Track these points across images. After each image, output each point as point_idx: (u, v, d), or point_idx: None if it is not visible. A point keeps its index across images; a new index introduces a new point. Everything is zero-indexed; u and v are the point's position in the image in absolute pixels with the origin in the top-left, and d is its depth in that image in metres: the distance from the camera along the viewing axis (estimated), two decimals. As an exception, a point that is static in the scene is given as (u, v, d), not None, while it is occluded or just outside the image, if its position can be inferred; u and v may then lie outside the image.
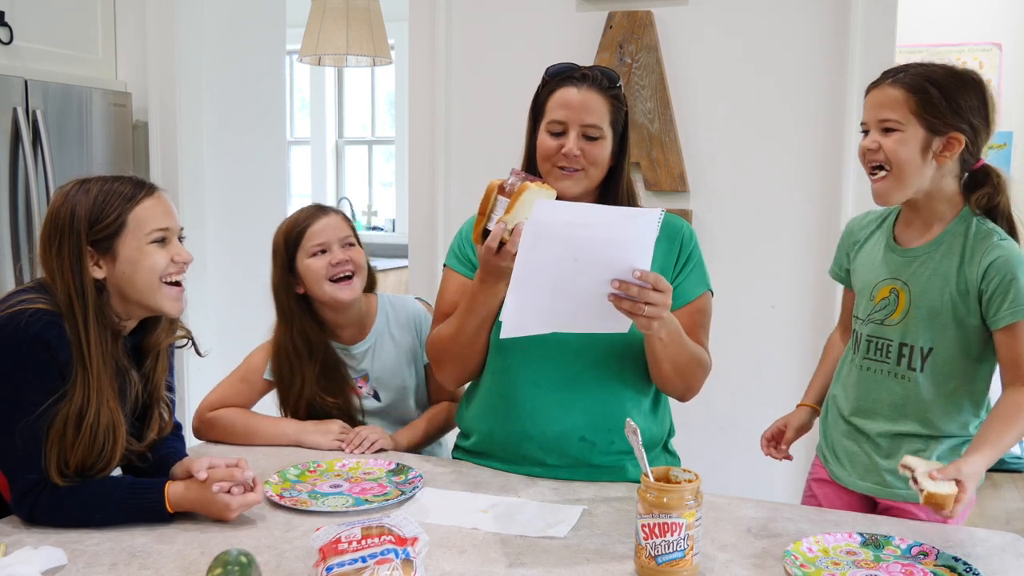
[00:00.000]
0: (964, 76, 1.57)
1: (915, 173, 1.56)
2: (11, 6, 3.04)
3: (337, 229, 1.92)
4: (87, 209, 1.46)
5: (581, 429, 1.70)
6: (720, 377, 1.90)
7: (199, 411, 1.97)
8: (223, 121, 3.66)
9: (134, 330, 1.57)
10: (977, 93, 1.56)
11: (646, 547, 1.27)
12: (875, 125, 1.58)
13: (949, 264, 1.59)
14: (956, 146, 1.55)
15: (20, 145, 2.95)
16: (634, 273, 1.43)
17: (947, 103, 1.53)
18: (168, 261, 1.51)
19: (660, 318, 1.47)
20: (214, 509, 1.45)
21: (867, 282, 1.70)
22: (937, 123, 1.53)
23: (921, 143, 1.54)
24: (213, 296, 3.59)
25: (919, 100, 1.53)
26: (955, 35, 4.93)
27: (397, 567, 1.13)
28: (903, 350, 1.64)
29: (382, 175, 6.91)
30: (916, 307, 1.62)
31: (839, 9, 2.62)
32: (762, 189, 2.76)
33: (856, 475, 1.72)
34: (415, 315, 2.04)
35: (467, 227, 1.80)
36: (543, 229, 1.38)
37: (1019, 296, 1.54)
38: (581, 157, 1.62)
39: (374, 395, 1.99)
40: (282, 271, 1.93)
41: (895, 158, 1.55)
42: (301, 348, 1.92)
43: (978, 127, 1.56)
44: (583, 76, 1.64)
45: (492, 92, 2.98)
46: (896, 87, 1.56)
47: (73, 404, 1.44)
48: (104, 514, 1.44)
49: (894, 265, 1.66)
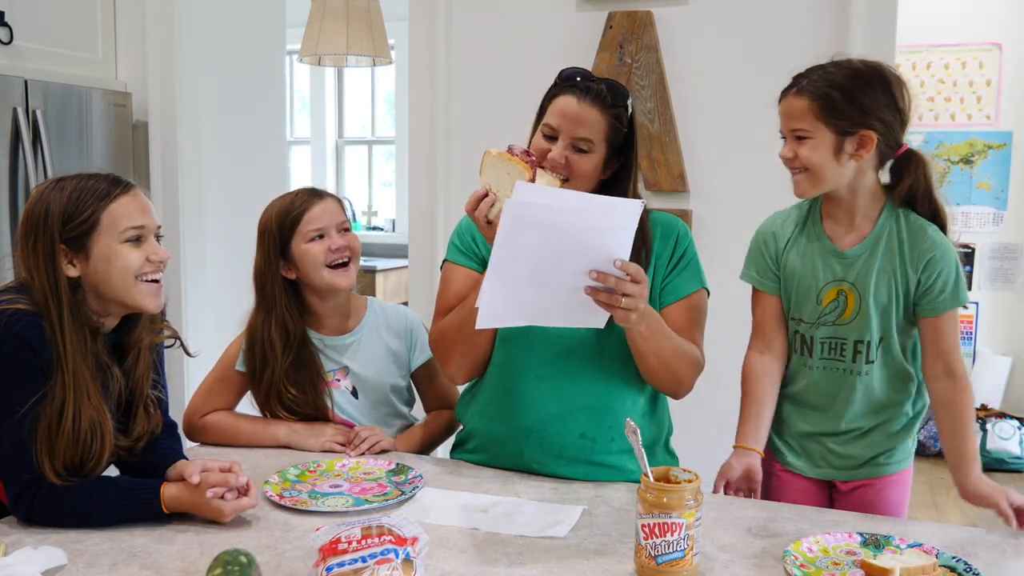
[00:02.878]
0: (866, 73, 1.59)
1: (832, 173, 1.60)
2: (11, 6, 3.04)
3: (335, 214, 1.90)
4: (61, 207, 1.46)
5: (581, 426, 1.70)
6: (720, 377, 1.90)
7: (187, 417, 1.95)
8: (223, 121, 3.66)
9: (117, 327, 1.57)
10: (882, 87, 1.58)
11: (646, 547, 1.27)
12: (788, 135, 1.63)
13: (891, 261, 1.64)
14: (869, 143, 1.58)
15: (20, 145, 2.95)
16: (614, 263, 1.42)
17: (851, 104, 1.56)
18: (143, 260, 1.50)
19: (637, 310, 1.47)
20: (208, 513, 1.45)
21: (808, 286, 1.70)
22: (844, 124, 1.57)
23: (832, 147, 1.58)
24: (213, 296, 3.58)
25: (822, 106, 1.57)
26: (955, 35, 4.94)
27: (397, 567, 1.13)
28: (859, 347, 1.68)
29: (382, 175, 6.91)
30: (866, 305, 1.65)
31: (839, 9, 2.62)
32: (762, 189, 2.75)
33: (813, 464, 1.76)
34: (411, 323, 2.02)
35: (465, 221, 1.79)
36: (523, 211, 1.38)
37: (951, 287, 1.61)
38: (564, 166, 1.62)
39: (352, 392, 1.96)
40: (270, 255, 1.89)
41: (810, 164, 1.60)
42: (277, 337, 1.87)
43: (889, 121, 1.59)
44: (587, 88, 1.62)
45: (492, 92, 2.98)
46: (800, 96, 1.60)
47: (55, 403, 1.43)
48: (101, 514, 1.44)
49: (836, 267, 1.68)
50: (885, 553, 1.36)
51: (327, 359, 1.93)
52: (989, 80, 4.93)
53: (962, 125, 4.99)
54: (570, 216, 1.39)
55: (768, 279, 1.76)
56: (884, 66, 1.61)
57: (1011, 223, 4.93)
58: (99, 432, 1.48)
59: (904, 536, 1.41)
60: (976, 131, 4.96)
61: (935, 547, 1.37)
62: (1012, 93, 4.90)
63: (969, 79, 4.97)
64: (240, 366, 1.93)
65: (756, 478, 1.67)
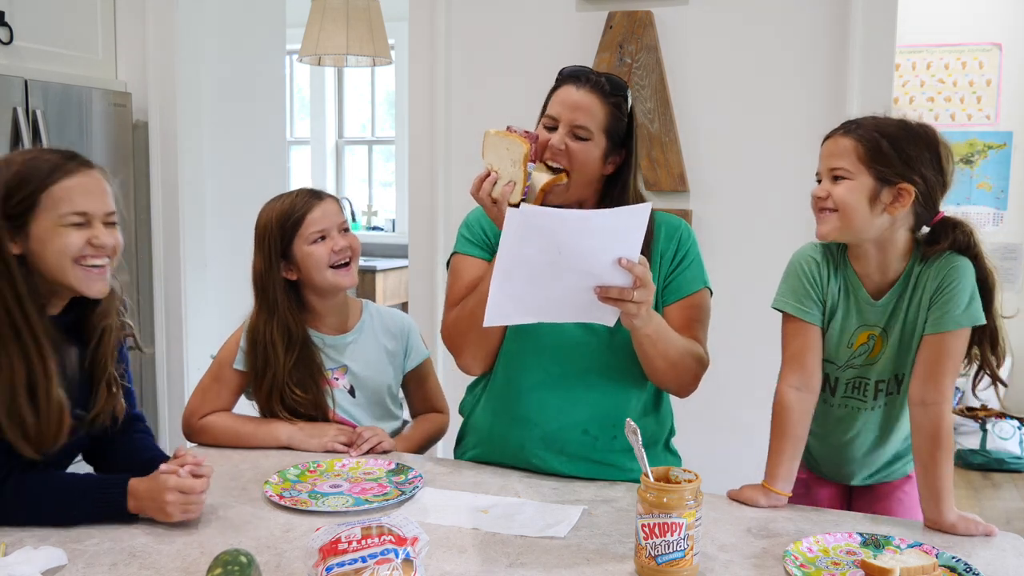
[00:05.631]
0: (916, 129, 1.56)
1: (862, 220, 1.54)
2: (11, 6, 3.04)
3: (335, 215, 1.91)
4: (4, 183, 1.44)
5: (584, 422, 1.70)
6: (721, 377, 1.90)
7: (185, 418, 1.94)
8: (223, 121, 3.66)
9: (70, 308, 1.56)
10: (929, 146, 1.55)
11: (646, 547, 1.27)
12: (826, 174, 1.59)
13: (916, 303, 1.58)
14: (906, 197, 1.53)
15: (20, 145, 2.95)
16: (620, 261, 1.42)
17: (896, 153, 1.53)
18: (83, 244, 1.47)
19: (641, 311, 1.48)
20: (159, 497, 1.42)
21: (843, 328, 1.65)
22: (886, 172, 1.53)
23: (869, 192, 1.53)
24: (213, 296, 3.58)
25: (868, 149, 1.54)
26: (955, 35, 4.94)
27: (397, 567, 1.13)
28: (879, 385, 1.65)
29: (382, 175, 6.91)
30: (892, 347, 1.62)
31: (839, 9, 2.63)
32: (762, 189, 2.76)
33: (831, 469, 1.77)
34: (406, 326, 2.04)
35: (473, 214, 1.80)
36: (529, 214, 1.38)
37: (956, 307, 1.52)
38: (564, 153, 1.63)
39: (350, 391, 1.96)
40: (271, 257, 1.89)
41: (842, 202, 1.54)
42: (279, 339, 1.87)
43: (931, 180, 1.54)
44: (587, 79, 1.65)
45: (492, 92, 2.98)
46: (848, 137, 1.56)
47: (3, 375, 1.43)
48: (68, 511, 1.43)
49: (868, 314, 1.63)
50: (885, 553, 1.36)
51: (327, 358, 1.94)
52: (989, 80, 4.93)
53: (962, 125, 4.99)
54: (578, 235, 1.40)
55: (811, 307, 1.64)
56: (935, 130, 1.58)
57: (1011, 223, 4.94)
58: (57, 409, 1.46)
59: (904, 536, 1.41)
60: (976, 131, 4.96)
61: (935, 547, 1.37)
62: (1012, 93, 4.90)
63: (969, 79, 4.97)
64: (239, 365, 1.93)
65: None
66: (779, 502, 1.59)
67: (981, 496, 4.12)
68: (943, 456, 1.49)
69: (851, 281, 1.64)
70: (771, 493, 1.59)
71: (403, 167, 6.28)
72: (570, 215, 1.41)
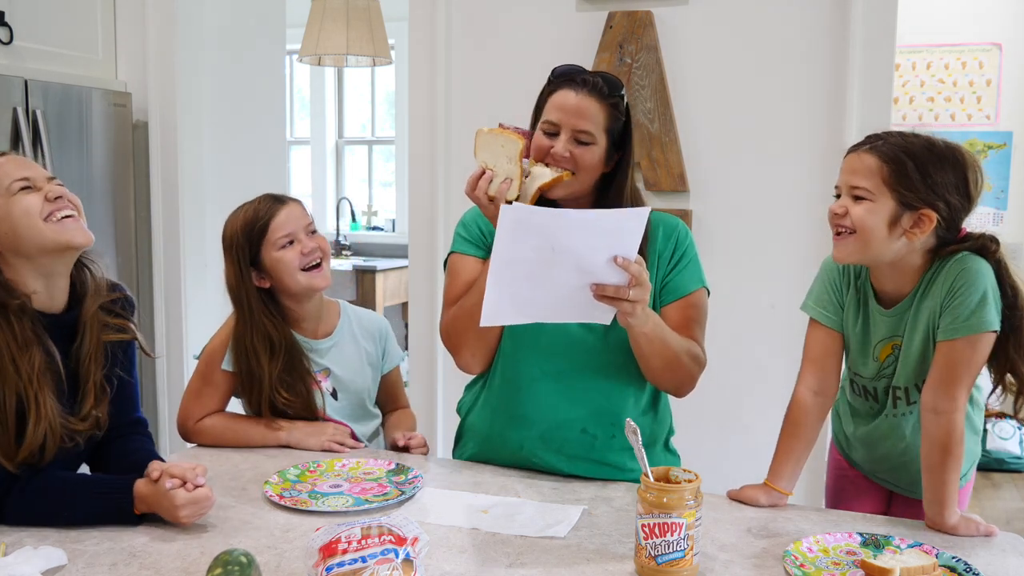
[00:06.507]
0: (944, 151, 1.51)
1: (880, 244, 1.50)
2: (11, 6, 3.04)
3: (301, 217, 1.91)
4: None
5: (583, 421, 1.70)
6: (720, 377, 1.91)
7: (179, 422, 1.93)
8: (223, 121, 3.66)
9: (69, 307, 1.55)
10: (956, 169, 1.50)
11: (646, 547, 1.27)
12: (846, 191, 1.53)
13: (930, 307, 1.53)
14: (927, 224, 1.48)
15: (20, 145, 2.95)
16: (617, 260, 1.42)
17: (922, 177, 1.47)
18: (41, 201, 1.49)
19: (637, 310, 1.47)
20: (166, 504, 1.42)
21: (865, 340, 1.63)
22: (909, 196, 1.48)
23: (890, 215, 1.49)
24: (213, 295, 3.57)
25: (893, 171, 1.48)
26: (955, 35, 4.94)
27: (397, 567, 1.13)
28: (896, 392, 1.62)
29: (382, 175, 6.91)
30: (913, 355, 1.57)
31: (839, 9, 2.62)
32: (762, 189, 2.76)
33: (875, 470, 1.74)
34: (381, 327, 2.05)
35: (470, 214, 1.79)
36: (522, 213, 1.38)
37: (972, 309, 1.47)
38: (569, 159, 1.62)
39: (332, 393, 1.96)
40: (240, 267, 1.89)
41: (861, 224, 1.50)
42: (261, 348, 1.87)
43: (955, 205, 1.50)
44: (583, 81, 1.64)
45: (492, 92, 2.98)
46: (872, 154, 1.51)
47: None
48: (73, 512, 1.43)
49: (887, 325, 1.60)
50: (885, 553, 1.36)
51: (312, 360, 1.94)
52: (989, 80, 4.93)
53: (962, 125, 4.99)
54: (573, 233, 1.40)
55: (831, 312, 1.65)
56: (963, 149, 1.53)
57: (1011, 223, 4.93)
58: (46, 418, 1.46)
59: (904, 536, 1.41)
60: (976, 131, 4.96)
61: (935, 547, 1.37)
62: (1012, 93, 4.90)
63: (969, 79, 4.97)
64: (227, 366, 1.92)
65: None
66: (780, 501, 1.59)
67: (981, 496, 4.12)
68: (951, 463, 1.47)
69: (866, 292, 1.62)
70: (772, 492, 1.59)
71: (403, 167, 6.27)
72: (567, 214, 1.41)
